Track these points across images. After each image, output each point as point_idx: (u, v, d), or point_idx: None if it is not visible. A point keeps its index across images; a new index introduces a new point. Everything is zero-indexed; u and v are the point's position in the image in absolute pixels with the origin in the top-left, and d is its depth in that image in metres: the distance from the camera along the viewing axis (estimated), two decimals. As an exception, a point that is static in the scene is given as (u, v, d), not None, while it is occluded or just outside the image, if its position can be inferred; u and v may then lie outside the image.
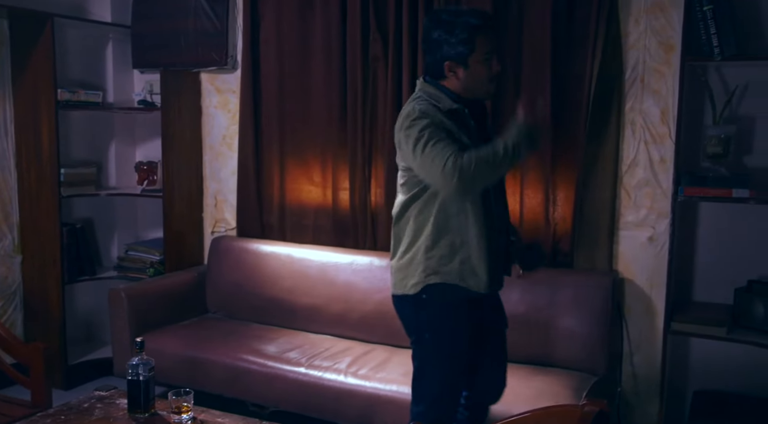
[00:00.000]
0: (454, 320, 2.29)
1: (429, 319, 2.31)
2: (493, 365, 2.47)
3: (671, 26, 2.96)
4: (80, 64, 4.05)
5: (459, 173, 2.06)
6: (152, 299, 3.61)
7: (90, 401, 2.31)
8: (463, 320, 2.30)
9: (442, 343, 2.31)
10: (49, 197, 3.70)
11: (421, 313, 2.31)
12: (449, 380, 2.35)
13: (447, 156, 2.07)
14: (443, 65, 2.22)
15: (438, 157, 2.08)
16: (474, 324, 2.33)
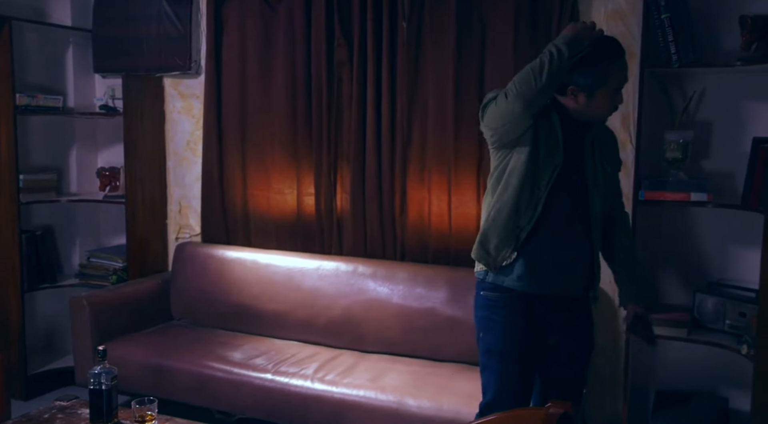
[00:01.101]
0: (494, 315, 2.27)
1: (477, 309, 2.33)
2: (557, 385, 2.32)
3: (631, 33, 3.02)
4: (40, 68, 3.98)
5: (507, 95, 2.12)
6: (115, 306, 3.56)
7: (51, 412, 2.26)
8: (500, 318, 2.26)
9: (487, 338, 2.29)
10: (8, 204, 3.63)
11: (476, 299, 2.34)
12: (503, 376, 2.27)
13: (497, 94, 2.17)
14: (566, 87, 2.17)
15: (493, 100, 2.19)
16: (524, 326, 2.25)
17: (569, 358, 2.32)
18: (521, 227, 2.21)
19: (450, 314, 3.17)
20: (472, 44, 3.22)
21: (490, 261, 2.26)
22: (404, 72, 3.34)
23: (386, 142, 3.41)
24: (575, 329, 2.32)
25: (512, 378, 2.28)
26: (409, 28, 3.32)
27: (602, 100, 2.17)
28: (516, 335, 2.26)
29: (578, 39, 2.12)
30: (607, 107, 2.20)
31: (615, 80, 2.16)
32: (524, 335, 2.26)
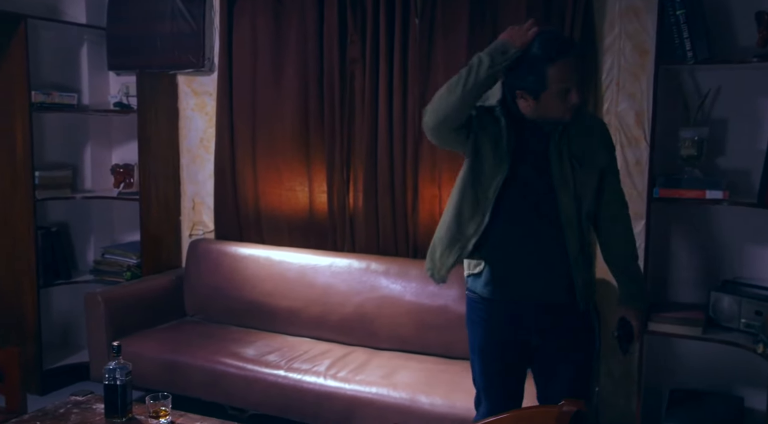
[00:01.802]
0: (474, 316, 2.28)
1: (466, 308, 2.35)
2: (550, 384, 2.26)
3: (645, 31, 3.00)
4: (55, 65, 4.01)
5: (425, 110, 2.13)
6: (129, 302, 3.59)
7: (66, 407, 2.28)
8: (479, 319, 2.25)
9: (471, 336, 2.32)
10: (24, 201, 3.66)
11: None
12: (485, 372, 2.30)
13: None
14: (514, 91, 2.08)
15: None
16: (503, 326, 2.22)
17: (555, 359, 2.25)
18: (467, 236, 2.17)
19: (462, 311, 3.11)
20: (484, 41, 3.20)
21: (435, 270, 2.28)
22: (416, 68, 3.34)
23: (398, 139, 3.41)
24: (560, 333, 2.21)
25: (494, 375, 2.30)
26: (421, 24, 3.31)
27: (551, 102, 2.02)
28: (494, 335, 2.25)
29: (509, 45, 2.01)
30: (560, 109, 2.04)
31: (557, 82, 1.99)
32: (503, 334, 2.23)
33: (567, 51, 2.02)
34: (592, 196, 2.18)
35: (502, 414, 1.84)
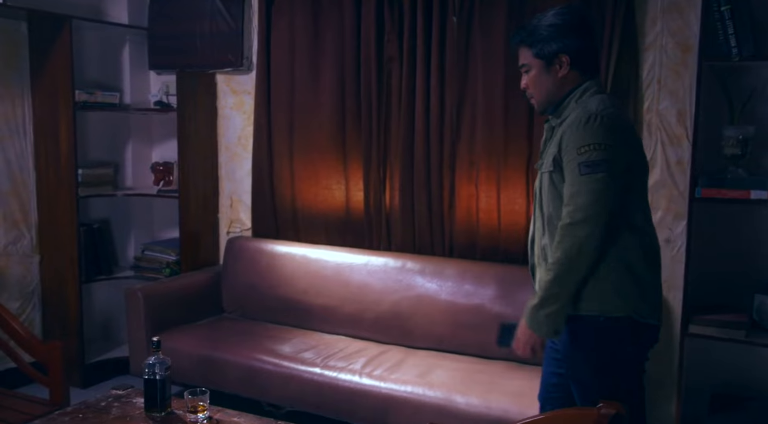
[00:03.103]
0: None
1: None
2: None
3: (688, 27, 2.94)
4: (97, 65, 4.09)
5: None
6: (168, 298, 3.64)
7: (107, 400, 2.33)
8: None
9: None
10: (67, 198, 3.74)
11: None
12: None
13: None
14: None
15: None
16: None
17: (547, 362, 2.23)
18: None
19: (498, 310, 3.14)
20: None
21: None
22: (453, 67, 3.32)
23: (435, 138, 3.40)
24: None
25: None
26: (459, 22, 3.29)
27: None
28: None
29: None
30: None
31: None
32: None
33: (511, 37, 2.08)
34: (548, 198, 2.02)
35: (538, 415, 1.82)
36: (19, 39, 3.73)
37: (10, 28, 3.68)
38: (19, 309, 3.79)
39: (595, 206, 1.83)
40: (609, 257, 1.89)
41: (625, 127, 1.95)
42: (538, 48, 2.01)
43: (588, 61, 2.03)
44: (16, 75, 3.73)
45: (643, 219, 1.98)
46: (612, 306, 1.91)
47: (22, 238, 3.81)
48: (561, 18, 2.00)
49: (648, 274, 1.95)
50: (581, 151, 1.86)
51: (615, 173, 1.85)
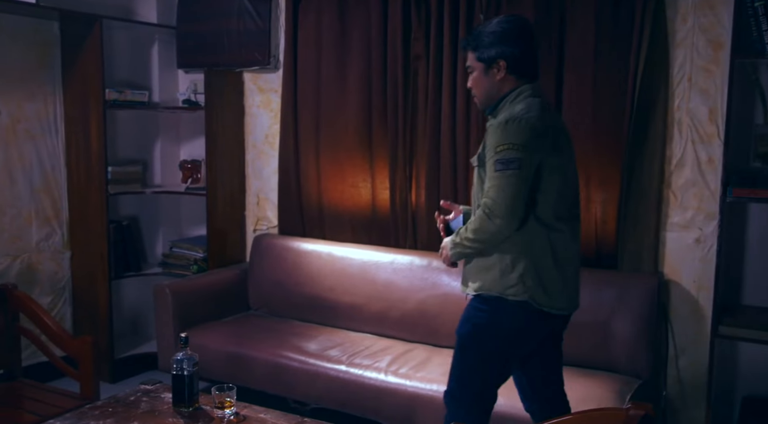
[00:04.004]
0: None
1: None
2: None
3: (720, 23, 2.90)
4: (127, 64, 4.14)
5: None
6: (196, 295, 3.67)
7: (136, 395, 2.36)
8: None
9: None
10: (97, 195, 3.79)
11: None
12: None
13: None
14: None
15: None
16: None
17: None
18: None
19: (525, 310, 3.12)
20: (551, 38, 3.15)
21: None
22: (481, 65, 3.30)
23: (461, 136, 3.38)
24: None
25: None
26: (486, 20, 3.27)
27: None
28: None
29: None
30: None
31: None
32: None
33: (461, 41, 2.28)
34: (476, 191, 2.25)
35: (565, 416, 1.81)
36: (52, 39, 3.79)
37: (43, 28, 3.74)
38: (50, 304, 3.85)
39: (506, 200, 2.05)
40: (517, 249, 2.12)
41: (542, 131, 2.09)
42: (480, 52, 2.21)
43: (524, 67, 2.20)
44: (49, 74, 3.79)
45: (555, 218, 2.14)
46: (513, 291, 2.13)
47: (54, 234, 3.87)
48: (501, 26, 2.19)
49: (554, 268, 2.14)
50: (498, 150, 2.07)
51: (525, 172, 2.05)
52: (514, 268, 2.12)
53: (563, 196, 2.17)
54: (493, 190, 2.07)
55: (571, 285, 2.22)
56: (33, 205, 3.77)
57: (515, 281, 2.12)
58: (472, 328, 2.22)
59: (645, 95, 3.01)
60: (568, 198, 2.20)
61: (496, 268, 2.15)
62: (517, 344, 2.22)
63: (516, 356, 2.26)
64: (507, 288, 2.13)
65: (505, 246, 2.12)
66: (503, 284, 2.14)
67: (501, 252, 2.13)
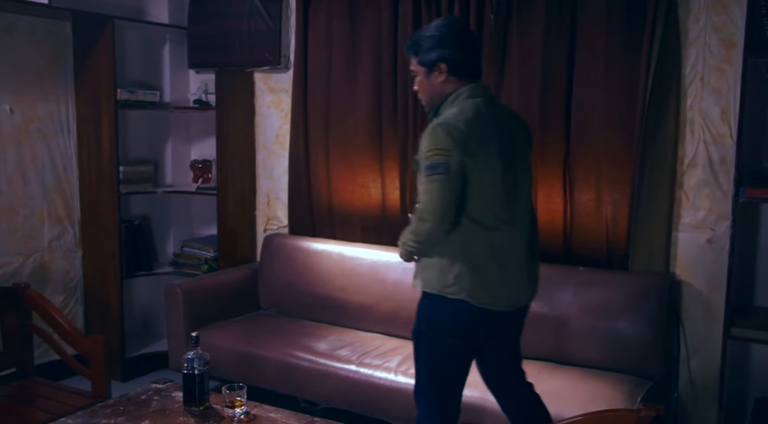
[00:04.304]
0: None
1: None
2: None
3: (733, 22, 2.88)
4: (139, 64, 4.16)
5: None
6: (206, 294, 3.68)
7: (147, 394, 2.37)
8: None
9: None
10: (109, 194, 3.81)
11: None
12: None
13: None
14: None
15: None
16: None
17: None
18: None
19: (535, 310, 3.07)
20: (561, 38, 3.14)
21: None
22: (490, 65, 3.30)
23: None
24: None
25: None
26: (496, 20, 3.27)
27: None
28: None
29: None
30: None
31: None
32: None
33: (404, 46, 2.33)
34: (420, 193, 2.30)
35: (575, 417, 1.81)
36: (64, 39, 3.81)
37: (56, 29, 3.77)
38: (62, 303, 3.88)
39: (435, 204, 2.12)
40: (454, 249, 2.18)
41: (469, 135, 2.12)
42: (420, 56, 2.26)
43: (465, 68, 2.24)
44: (61, 74, 3.82)
45: (493, 218, 2.19)
46: (451, 290, 2.18)
47: (66, 233, 3.90)
48: (440, 30, 2.24)
49: (493, 267, 2.19)
50: (427, 155, 2.12)
51: (451, 176, 2.10)
52: (452, 267, 2.18)
53: (500, 196, 2.20)
54: (423, 194, 2.14)
55: (516, 283, 2.27)
56: (45, 204, 3.79)
57: (453, 280, 2.18)
58: (421, 325, 2.29)
59: (657, 95, 2.99)
60: (509, 197, 2.23)
61: (436, 267, 2.21)
62: (462, 338, 2.26)
63: (464, 349, 2.30)
64: (446, 287, 2.19)
65: (444, 246, 2.18)
66: (442, 282, 2.20)
67: (441, 251, 2.19)
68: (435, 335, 2.26)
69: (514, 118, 2.38)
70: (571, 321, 3.04)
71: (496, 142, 2.19)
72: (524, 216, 2.30)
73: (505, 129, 2.25)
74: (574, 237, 3.22)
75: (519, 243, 2.27)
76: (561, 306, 3.06)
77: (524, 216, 2.30)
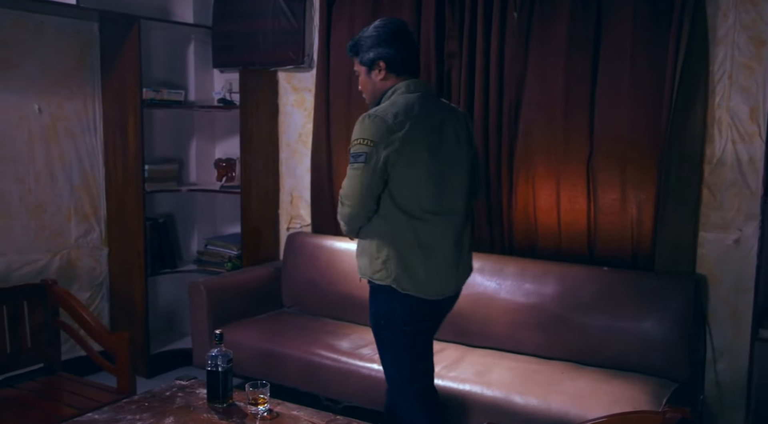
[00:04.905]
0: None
1: None
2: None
3: (763, 20, 2.83)
4: (164, 64, 4.20)
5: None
6: (230, 292, 3.71)
7: (171, 390, 2.39)
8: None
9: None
10: (134, 193, 3.85)
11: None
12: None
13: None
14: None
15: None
16: None
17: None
18: None
19: (558, 311, 3.09)
20: (586, 36, 3.11)
21: None
22: (513, 63, 3.28)
23: (493, 135, 3.36)
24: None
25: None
26: (519, 18, 3.25)
27: None
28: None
29: None
30: None
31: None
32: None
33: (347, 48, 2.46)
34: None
35: (599, 418, 1.79)
36: (91, 39, 3.86)
37: (83, 29, 3.81)
38: (88, 300, 3.93)
39: (354, 190, 2.27)
40: (382, 236, 2.31)
41: (396, 127, 2.23)
42: (361, 56, 2.41)
43: (402, 65, 2.37)
44: (88, 74, 3.86)
45: (420, 209, 2.30)
46: (379, 276, 2.32)
47: (92, 231, 3.94)
48: (377, 31, 2.38)
49: (420, 256, 2.30)
50: (353, 144, 2.28)
51: (371, 165, 2.23)
52: (380, 253, 2.31)
53: (427, 188, 2.30)
54: (345, 180, 2.31)
55: (444, 272, 2.37)
56: (72, 202, 3.84)
57: (380, 266, 2.31)
58: (378, 319, 2.43)
59: (684, 93, 2.95)
60: (438, 190, 2.33)
61: (366, 253, 2.36)
62: (406, 323, 2.36)
63: (412, 332, 2.39)
64: (375, 273, 2.34)
65: (373, 233, 2.32)
66: (372, 268, 2.34)
67: (371, 239, 2.33)
68: (380, 320, 2.40)
69: (452, 114, 2.45)
70: (595, 322, 3.01)
71: (424, 136, 2.29)
72: (456, 208, 2.39)
73: (438, 124, 2.35)
74: (598, 237, 3.19)
75: (448, 234, 2.37)
76: (586, 307, 3.04)
77: (456, 208, 2.39)
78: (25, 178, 3.62)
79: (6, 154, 3.53)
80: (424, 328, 2.44)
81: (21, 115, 3.59)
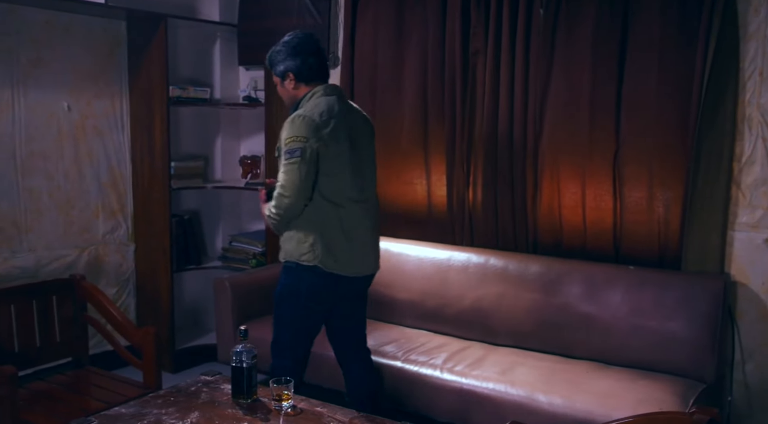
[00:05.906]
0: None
1: None
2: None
3: (794, 15, 2.78)
4: (190, 61, 4.23)
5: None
6: (254, 289, 3.72)
7: (197, 385, 2.41)
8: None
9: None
10: (161, 189, 3.88)
11: None
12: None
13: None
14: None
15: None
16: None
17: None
18: None
19: (584, 310, 3.07)
20: (612, 32, 3.08)
21: None
22: (538, 60, 3.26)
23: (518, 133, 3.34)
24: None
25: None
26: (545, 15, 3.22)
27: None
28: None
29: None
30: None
31: None
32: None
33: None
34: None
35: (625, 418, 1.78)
36: (119, 38, 3.90)
37: (111, 28, 3.86)
38: (115, 295, 3.97)
39: (293, 183, 2.50)
40: (309, 223, 2.57)
41: (322, 125, 2.52)
42: (274, 69, 2.72)
43: (309, 75, 2.66)
44: (116, 72, 3.91)
45: (344, 197, 2.59)
46: (306, 258, 2.58)
47: (119, 227, 3.99)
48: (284, 45, 2.68)
49: (342, 239, 2.59)
50: (286, 142, 2.53)
51: (306, 159, 2.49)
52: (307, 238, 2.57)
53: (349, 178, 2.60)
54: (283, 175, 2.53)
55: (361, 253, 2.67)
56: (100, 199, 3.89)
57: (307, 249, 2.57)
58: (280, 288, 2.69)
59: (713, 90, 2.91)
60: (357, 180, 2.63)
61: (294, 238, 2.60)
62: (316, 301, 2.66)
63: (316, 311, 2.70)
64: (301, 255, 2.58)
65: (301, 221, 2.57)
66: (299, 251, 2.58)
67: (298, 225, 2.58)
68: (290, 297, 2.66)
69: (360, 115, 2.76)
70: (621, 321, 2.98)
71: (344, 132, 2.58)
72: (370, 197, 2.73)
73: (351, 122, 2.65)
74: (624, 236, 3.16)
75: (366, 220, 2.68)
76: (611, 306, 3.01)
77: (370, 197, 2.73)
78: (54, 174, 3.67)
79: (36, 150, 3.59)
80: (321, 309, 2.72)
81: (51, 112, 3.64)
